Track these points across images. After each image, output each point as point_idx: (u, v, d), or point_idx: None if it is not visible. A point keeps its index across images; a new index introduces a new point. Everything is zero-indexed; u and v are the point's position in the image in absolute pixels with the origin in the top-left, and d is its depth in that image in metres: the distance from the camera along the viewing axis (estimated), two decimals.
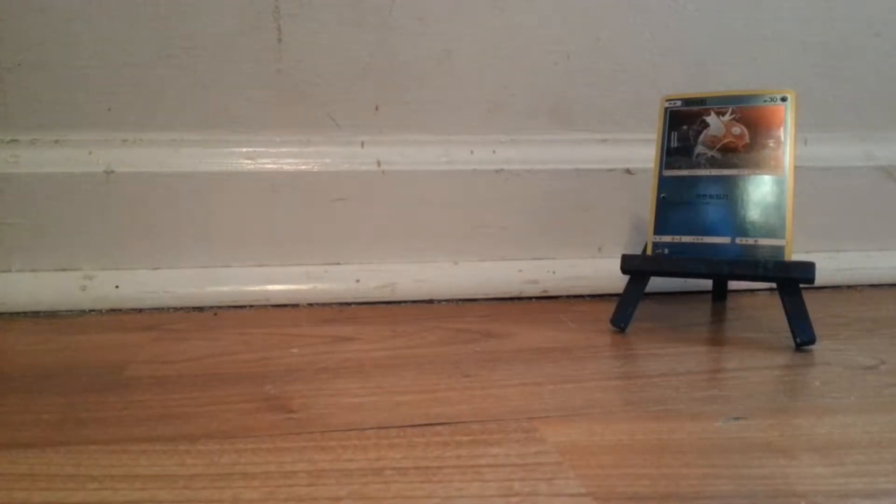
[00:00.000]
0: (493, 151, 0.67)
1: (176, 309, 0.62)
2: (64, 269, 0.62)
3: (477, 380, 0.44)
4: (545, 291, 0.67)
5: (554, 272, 0.68)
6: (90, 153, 0.62)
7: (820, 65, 0.71)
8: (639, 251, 0.57)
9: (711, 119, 0.54)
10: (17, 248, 0.61)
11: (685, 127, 0.55)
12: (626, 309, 0.55)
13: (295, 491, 0.30)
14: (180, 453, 0.33)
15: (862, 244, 0.74)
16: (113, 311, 0.61)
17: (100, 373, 0.45)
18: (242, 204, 0.63)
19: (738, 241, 0.52)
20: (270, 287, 0.63)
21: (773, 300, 0.66)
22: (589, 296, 0.68)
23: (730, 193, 0.52)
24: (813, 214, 0.72)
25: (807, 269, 0.49)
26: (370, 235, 0.66)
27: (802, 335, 0.50)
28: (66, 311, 0.61)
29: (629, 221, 0.69)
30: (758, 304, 0.65)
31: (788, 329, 0.51)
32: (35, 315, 0.60)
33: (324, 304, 0.64)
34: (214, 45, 0.62)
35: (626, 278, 0.56)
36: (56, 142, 0.61)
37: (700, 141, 0.54)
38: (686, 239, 0.54)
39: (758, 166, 0.52)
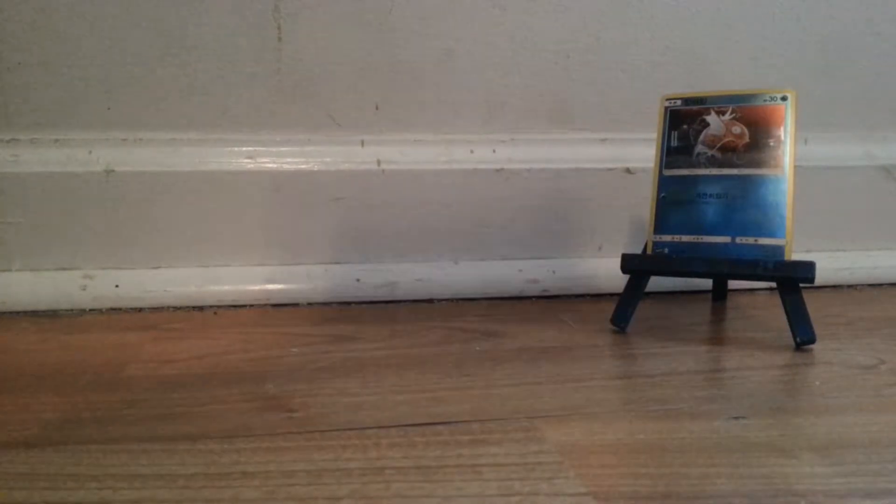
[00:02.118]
0: (494, 151, 0.67)
1: (176, 308, 0.62)
2: (64, 269, 0.62)
3: (477, 379, 0.44)
4: (545, 291, 0.67)
5: (554, 271, 0.68)
6: (90, 153, 0.62)
7: (820, 65, 0.71)
8: (639, 250, 0.57)
9: (711, 118, 0.54)
10: (17, 247, 0.61)
11: (685, 126, 0.55)
12: (626, 308, 0.55)
13: (295, 490, 0.30)
14: (180, 452, 0.33)
15: (862, 244, 0.74)
16: (113, 310, 0.61)
17: (100, 372, 0.45)
18: (242, 203, 0.63)
19: (738, 240, 0.52)
20: (270, 286, 0.63)
21: (773, 300, 0.66)
22: (589, 295, 0.68)
23: (730, 193, 0.52)
24: (813, 214, 0.72)
25: (807, 269, 0.49)
26: (370, 235, 0.66)
27: (802, 335, 0.50)
28: (66, 310, 0.61)
29: (629, 221, 0.69)
30: (758, 303, 0.65)
31: (788, 328, 0.51)
32: (35, 314, 0.60)
33: (324, 304, 0.64)
34: (214, 45, 0.62)
35: (626, 278, 0.56)
36: (56, 141, 0.61)
37: (700, 140, 0.54)
38: (686, 238, 0.54)
39: (758, 166, 0.52)
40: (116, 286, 0.61)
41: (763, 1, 0.69)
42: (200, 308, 0.62)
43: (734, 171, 0.53)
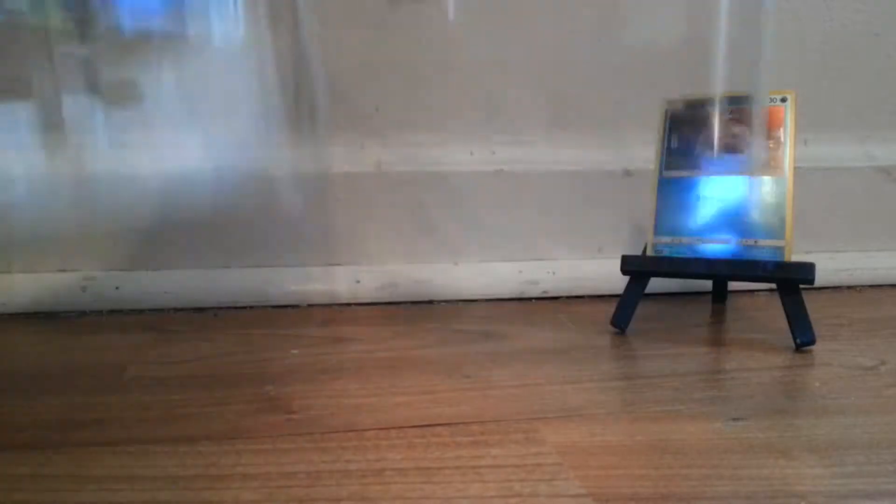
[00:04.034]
0: (493, 152, 0.67)
1: (176, 310, 0.62)
2: (64, 270, 0.62)
3: (477, 380, 0.44)
4: (545, 292, 0.67)
5: (554, 273, 0.68)
6: (92, 155, 0.61)
7: (820, 65, 0.71)
8: (639, 252, 0.57)
9: (711, 120, 0.54)
10: (18, 248, 0.61)
11: (685, 128, 0.55)
12: (625, 310, 0.55)
13: (295, 492, 0.30)
14: (180, 454, 0.33)
15: (862, 244, 0.73)
16: (113, 311, 0.61)
17: (100, 374, 0.45)
18: (242, 205, 0.63)
19: (737, 241, 0.52)
20: (270, 288, 0.63)
21: (773, 301, 0.66)
22: (589, 296, 0.68)
23: (729, 194, 0.52)
24: (813, 215, 0.72)
25: (806, 270, 0.49)
26: (370, 235, 0.66)
27: (802, 336, 0.50)
28: (67, 311, 0.61)
29: (629, 222, 0.69)
30: (758, 304, 0.65)
31: (788, 330, 0.51)
32: (36, 316, 0.60)
33: (324, 305, 0.64)
34: (214, 47, 0.62)
35: (626, 279, 0.56)
36: (62, 143, 0.61)
37: (700, 142, 0.54)
38: (686, 240, 0.54)
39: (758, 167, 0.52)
40: (117, 288, 0.61)
41: (763, 1, 0.69)
42: (201, 309, 0.62)
43: (734, 173, 0.53)
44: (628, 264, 0.55)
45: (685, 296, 0.68)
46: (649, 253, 0.55)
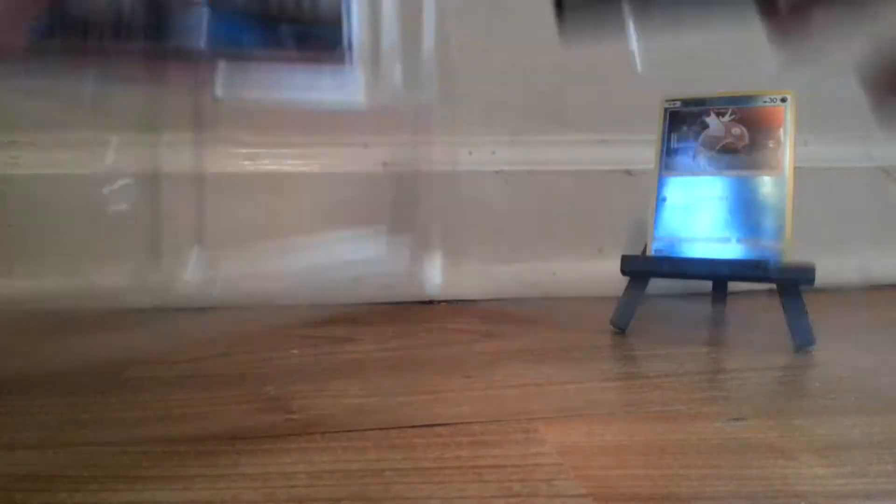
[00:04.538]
0: (493, 152, 0.67)
1: (177, 309, 0.62)
2: (65, 271, 0.62)
3: (477, 381, 0.44)
4: (546, 293, 0.67)
5: (554, 273, 0.68)
6: (90, 154, 0.62)
7: (819, 65, 0.71)
8: (639, 252, 0.57)
9: (711, 120, 0.54)
10: (18, 249, 0.61)
11: (685, 128, 0.55)
12: (626, 310, 0.55)
13: (295, 492, 0.30)
14: (180, 454, 0.33)
15: (862, 245, 0.73)
16: (114, 311, 0.61)
17: (100, 373, 0.45)
18: (243, 204, 0.63)
19: (737, 242, 0.52)
20: (271, 287, 0.63)
21: (773, 301, 0.66)
22: (589, 297, 0.68)
23: (730, 195, 0.52)
24: (813, 215, 0.71)
25: (806, 271, 0.49)
26: (370, 237, 0.66)
27: (802, 337, 0.50)
28: (68, 311, 0.61)
29: (629, 223, 0.69)
30: (758, 305, 0.65)
31: (788, 330, 0.51)
32: (36, 316, 0.60)
33: (324, 305, 0.64)
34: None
35: (626, 279, 0.56)
36: (56, 143, 0.61)
37: (700, 142, 0.54)
38: (686, 240, 0.53)
39: (758, 167, 0.52)
40: (118, 288, 0.61)
41: None
42: (202, 309, 0.62)
43: (734, 173, 0.53)
44: (628, 265, 0.55)
45: (685, 296, 0.68)
46: (649, 253, 0.55)
